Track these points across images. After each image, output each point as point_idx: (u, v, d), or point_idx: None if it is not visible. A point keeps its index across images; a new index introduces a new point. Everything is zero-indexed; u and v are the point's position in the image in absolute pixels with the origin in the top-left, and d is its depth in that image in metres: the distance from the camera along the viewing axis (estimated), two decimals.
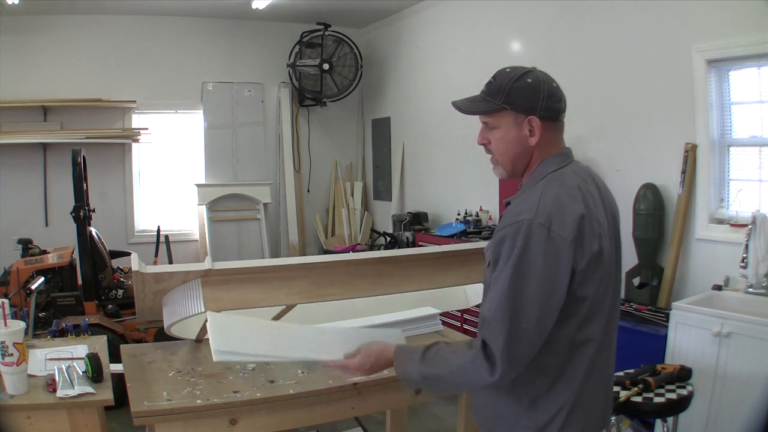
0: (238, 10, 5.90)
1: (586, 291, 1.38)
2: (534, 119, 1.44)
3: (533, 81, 1.44)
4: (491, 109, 1.46)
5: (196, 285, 1.82)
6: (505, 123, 1.46)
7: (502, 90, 1.44)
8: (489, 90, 1.47)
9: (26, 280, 3.92)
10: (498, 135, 1.48)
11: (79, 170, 4.03)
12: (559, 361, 1.41)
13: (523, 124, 1.44)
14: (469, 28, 5.13)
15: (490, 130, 1.49)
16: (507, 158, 1.49)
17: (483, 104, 1.47)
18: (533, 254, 1.32)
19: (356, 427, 3.35)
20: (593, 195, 1.46)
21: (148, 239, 5.53)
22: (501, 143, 1.48)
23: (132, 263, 1.76)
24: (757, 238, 2.83)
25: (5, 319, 1.81)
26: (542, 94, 1.44)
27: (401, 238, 5.34)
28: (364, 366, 1.58)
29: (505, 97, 1.43)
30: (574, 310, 1.38)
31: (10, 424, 1.77)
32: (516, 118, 1.44)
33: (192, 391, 1.78)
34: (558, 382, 1.41)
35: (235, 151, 6.41)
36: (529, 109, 1.43)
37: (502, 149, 1.48)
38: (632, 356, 2.55)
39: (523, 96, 1.43)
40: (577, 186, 1.43)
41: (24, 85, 5.47)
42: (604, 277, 1.43)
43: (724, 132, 3.23)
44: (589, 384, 1.43)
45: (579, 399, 1.42)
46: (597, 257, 1.39)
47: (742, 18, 2.99)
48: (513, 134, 1.46)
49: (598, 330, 1.43)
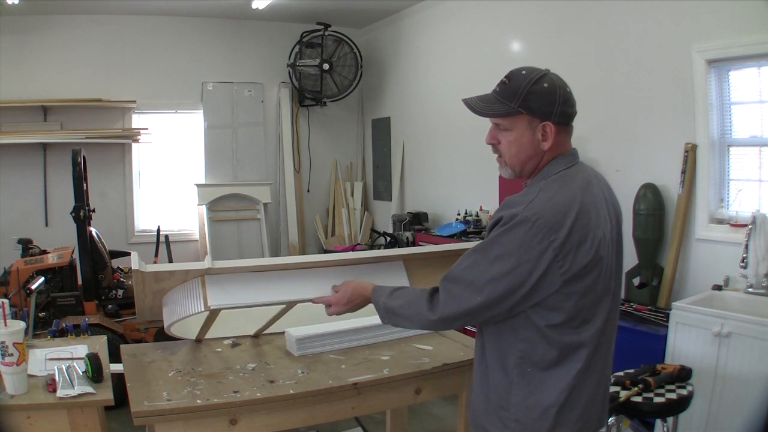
0: (238, 10, 5.90)
1: (576, 295, 1.38)
2: (549, 125, 1.43)
3: (549, 86, 1.42)
4: (507, 113, 1.44)
5: (196, 284, 1.82)
6: (520, 127, 1.44)
7: (519, 93, 1.41)
8: (504, 92, 1.44)
9: (26, 280, 3.91)
10: (510, 138, 1.46)
11: (79, 170, 4.03)
12: (550, 361, 1.41)
13: (537, 128, 1.43)
14: (469, 28, 5.13)
15: (502, 131, 1.47)
16: (518, 160, 1.48)
17: (498, 106, 1.45)
18: (510, 237, 1.37)
19: (356, 427, 3.35)
20: (596, 198, 1.46)
21: (148, 239, 5.53)
22: (513, 146, 1.46)
23: (132, 262, 1.76)
24: (757, 238, 2.83)
25: (5, 319, 1.81)
26: (558, 99, 1.42)
27: (401, 238, 5.34)
28: (341, 301, 1.77)
29: (522, 101, 1.41)
30: (563, 310, 1.39)
31: (10, 424, 1.77)
32: (531, 122, 1.43)
33: (192, 391, 1.78)
34: (547, 381, 1.42)
35: (235, 151, 6.42)
36: (545, 114, 1.42)
37: (513, 152, 1.47)
38: (632, 356, 2.55)
39: (540, 101, 1.41)
40: (579, 188, 1.43)
41: (24, 85, 5.47)
42: (601, 283, 1.42)
43: (724, 132, 3.23)
44: (583, 385, 1.43)
45: (570, 399, 1.42)
46: (592, 264, 1.38)
47: (742, 18, 2.99)
48: (527, 138, 1.44)
49: (590, 336, 1.43)
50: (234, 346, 2.21)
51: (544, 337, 1.40)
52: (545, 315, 1.39)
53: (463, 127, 4.96)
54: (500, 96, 1.45)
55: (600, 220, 1.43)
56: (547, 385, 1.42)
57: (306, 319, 2.24)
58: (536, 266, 1.34)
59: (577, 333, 1.41)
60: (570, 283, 1.36)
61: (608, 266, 1.45)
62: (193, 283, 1.84)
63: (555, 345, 1.40)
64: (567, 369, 1.41)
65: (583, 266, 1.37)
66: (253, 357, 2.11)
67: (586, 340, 1.42)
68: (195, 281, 1.83)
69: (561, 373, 1.41)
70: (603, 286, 1.44)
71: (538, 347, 1.41)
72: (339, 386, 1.87)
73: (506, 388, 1.45)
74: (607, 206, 1.50)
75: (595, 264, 1.39)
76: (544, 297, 1.37)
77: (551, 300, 1.37)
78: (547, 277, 1.35)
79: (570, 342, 1.41)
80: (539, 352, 1.41)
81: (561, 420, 1.42)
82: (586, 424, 1.46)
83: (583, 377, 1.43)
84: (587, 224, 1.38)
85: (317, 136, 6.79)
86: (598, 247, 1.39)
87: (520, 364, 1.43)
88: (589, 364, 1.43)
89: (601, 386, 1.51)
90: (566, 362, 1.41)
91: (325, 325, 2.18)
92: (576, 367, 1.41)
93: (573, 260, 1.35)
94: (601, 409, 1.53)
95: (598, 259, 1.39)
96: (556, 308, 1.38)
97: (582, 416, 1.44)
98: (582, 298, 1.39)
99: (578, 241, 1.36)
